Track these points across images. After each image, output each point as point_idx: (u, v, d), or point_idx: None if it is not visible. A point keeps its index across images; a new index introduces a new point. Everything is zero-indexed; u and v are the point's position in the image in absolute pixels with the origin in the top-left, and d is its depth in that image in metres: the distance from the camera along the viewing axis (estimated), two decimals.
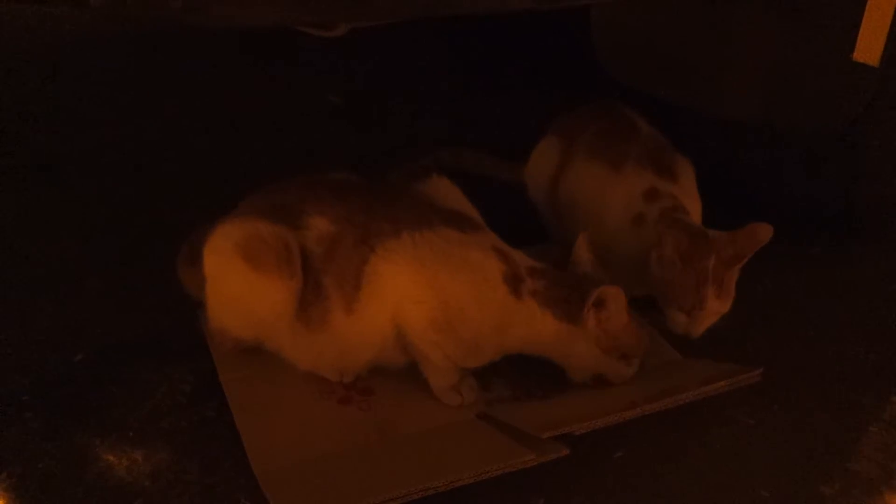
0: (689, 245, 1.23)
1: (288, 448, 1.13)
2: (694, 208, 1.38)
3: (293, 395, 1.22)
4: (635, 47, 1.57)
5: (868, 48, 1.22)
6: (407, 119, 2.06)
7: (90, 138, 1.94)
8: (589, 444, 1.09)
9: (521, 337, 1.18)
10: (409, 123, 2.04)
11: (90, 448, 1.15)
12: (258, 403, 1.20)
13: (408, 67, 2.34)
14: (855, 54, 1.24)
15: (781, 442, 1.21)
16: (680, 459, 1.18)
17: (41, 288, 1.45)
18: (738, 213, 1.25)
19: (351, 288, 1.15)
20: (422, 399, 1.21)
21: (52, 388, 1.25)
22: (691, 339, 1.29)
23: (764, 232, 1.22)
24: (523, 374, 1.26)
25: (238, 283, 1.17)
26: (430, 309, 1.14)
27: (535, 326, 1.17)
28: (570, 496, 1.11)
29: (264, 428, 1.15)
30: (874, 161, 1.53)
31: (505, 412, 1.19)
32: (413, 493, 1.00)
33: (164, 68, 2.27)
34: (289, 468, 1.09)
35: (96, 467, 1.12)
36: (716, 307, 1.26)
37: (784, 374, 1.30)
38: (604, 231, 1.36)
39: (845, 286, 1.54)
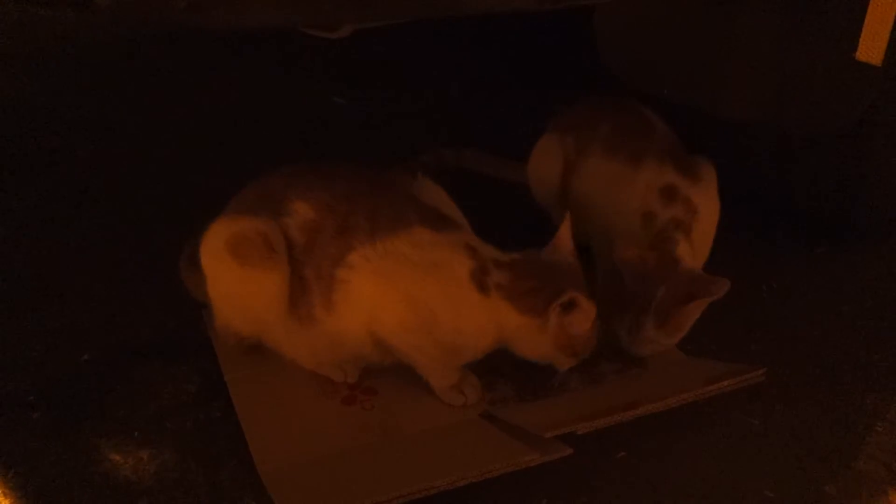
0: (650, 266, 1.23)
1: (292, 447, 1.13)
2: (711, 212, 1.36)
3: (297, 395, 1.22)
4: (639, 47, 1.57)
5: (871, 48, 1.22)
6: (410, 119, 2.07)
7: (93, 139, 1.95)
8: (592, 443, 1.10)
9: (493, 331, 1.16)
10: (412, 123, 2.04)
11: (96, 447, 1.16)
12: (263, 403, 1.20)
13: (411, 68, 2.35)
14: (858, 54, 1.24)
15: (785, 442, 1.21)
16: (683, 459, 1.18)
17: (47, 288, 1.46)
18: (742, 213, 1.24)
19: (325, 288, 1.16)
20: (425, 399, 1.21)
21: (59, 388, 1.25)
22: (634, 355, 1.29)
23: (718, 287, 1.20)
24: (526, 374, 1.26)
25: (231, 279, 1.19)
26: (400, 313, 1.14)
27: (498, 319, 1.15)
28: (573, 496, 1.11)
29: (269, 427, 1.16)
30: (877, 161, 1.52)
31: (508, 412, 1.19)
32: (416, 492, 1.00)
33: (167, 69, 2.27)
34: (293, 467, 1.09)
35: (102, 467, 1.13)
36: (656, 336, 1.24)
37: (788, 374, 1.30)
38: (614, 226, 1.35)
39: (849, 286, 1.54)
